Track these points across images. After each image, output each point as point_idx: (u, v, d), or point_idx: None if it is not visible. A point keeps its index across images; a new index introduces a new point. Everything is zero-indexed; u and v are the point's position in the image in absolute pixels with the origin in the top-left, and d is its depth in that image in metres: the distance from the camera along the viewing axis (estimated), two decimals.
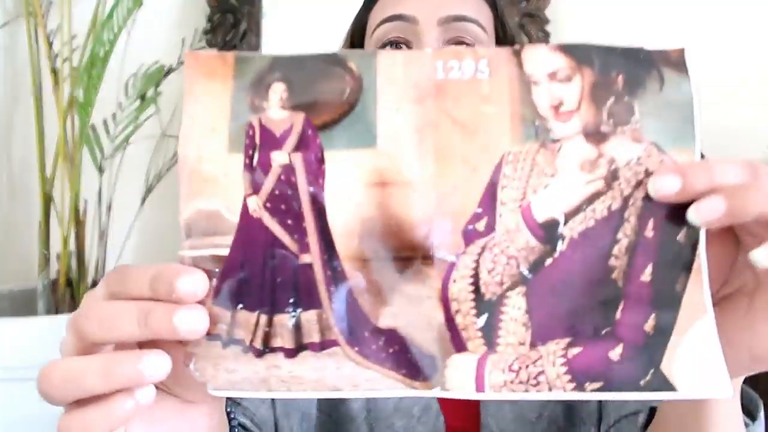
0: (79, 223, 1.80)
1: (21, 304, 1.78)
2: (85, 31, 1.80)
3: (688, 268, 0.63)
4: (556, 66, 0.65)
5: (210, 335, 0.65)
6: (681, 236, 0.63)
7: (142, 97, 1.80)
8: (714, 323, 0.62)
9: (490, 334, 0.64)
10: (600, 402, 1.12)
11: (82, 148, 1.80)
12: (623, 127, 0.65)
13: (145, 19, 1.88)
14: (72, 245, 1.80)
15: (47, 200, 1.79)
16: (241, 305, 0.65)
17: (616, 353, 0.62)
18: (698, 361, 0.62)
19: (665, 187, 0.62)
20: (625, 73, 0.65)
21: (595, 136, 0.65)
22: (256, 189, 0.66)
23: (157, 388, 0.64)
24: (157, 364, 0.61)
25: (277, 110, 0.67)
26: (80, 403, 0.62)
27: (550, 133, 0.65)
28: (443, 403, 1.13)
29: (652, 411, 0.92)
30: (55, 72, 1.78)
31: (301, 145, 0.66)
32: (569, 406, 1.14)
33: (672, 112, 0.65)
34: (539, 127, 0.65)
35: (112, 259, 1.97)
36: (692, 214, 0.62)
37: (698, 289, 0.62)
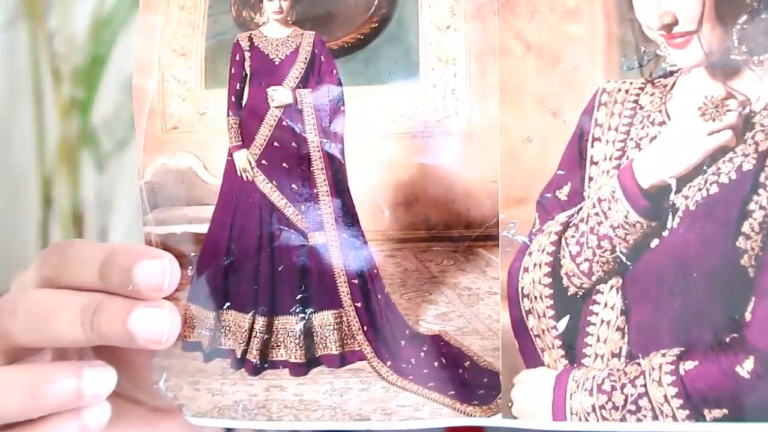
0: (79, 223, 1.73)
1: None
2: (85, 31, 1.71)
3: None
4: None
5: (186, 343, 0.45)
6: None
7: None
8: None
9: (573, 343, 0.45)
10: None
11: (82, 148, 1.73)
12: (761, 55, 0.45)
13: None
14: None
15: (47, 200, 1.70)
16: (228, 303, 0.45)
17: (745, 368, 0.44)
18: None
19: None
20: None
21: (723, 68, 0.45)
22: (246, 139, 0.45)
23: (117, 394, 0.45)
24: (101, 380, 0.44)
25: (275, 26, 0.46)
26: None
27: (661, 64, 0.45)
28: None
29: None
30: (55, 72, 1.68)
31: (311, 77, 0.45)
32: None
33: None
34: (645, 54, 0.45)
35: None
36: None
37: None
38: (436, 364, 0.46)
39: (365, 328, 0.45)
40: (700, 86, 0.45)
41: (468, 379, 0.46)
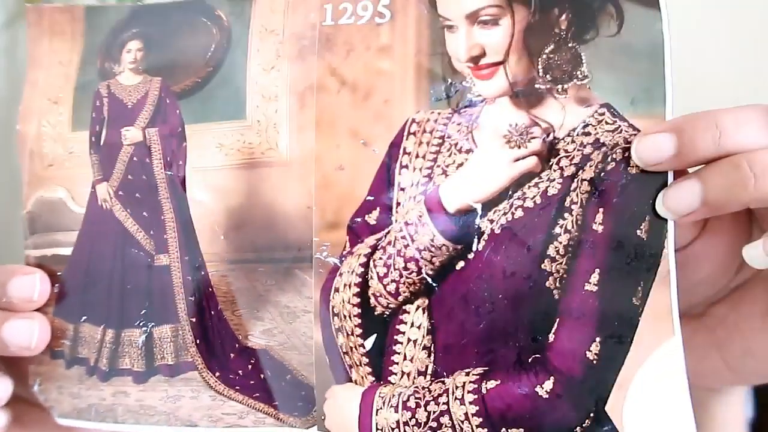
0: None
1: None
2: None
3: (649, 274, 0.36)
4: (478, 4, 0.39)
5: (54, 352, 0.43)
6: (642, 230, 0.36)
7: None
8: (682, 350, 0.36)
9: (379, 361, 0.38)
10: None
11: None
12: (565, 84, 0.38)
13: None
14: None
15: None
16: (85, 317, 0.43)
17: (545, 389, 0.36)
18: (658, 401, 0.35)
19: (654, 151, 0.34)
20: (570, 10, 0.38)
21: (527, 97, 0.38)
22: (106, 174, 0.43)
23: (29, 402, 0.43)
24: None
25: (129, 74, 0.43)
26: None
27: (467, 95, 0.39)
28: None
29: None
30: None
31: (158, 117, 0.42)
32: None
33: (634, 63, 0.37)
34: (452, 85, 0.39)
35: None
36: (665, 205, 0.35)
37: (663, 303, 0.35)
38: (261, 376, 0.40)
39: (198, 341, 0.41)
40: (505, 115, 0.37)
41: (289, 392, 0.40)
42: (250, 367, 0.38)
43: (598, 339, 0.34)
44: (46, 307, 0.40)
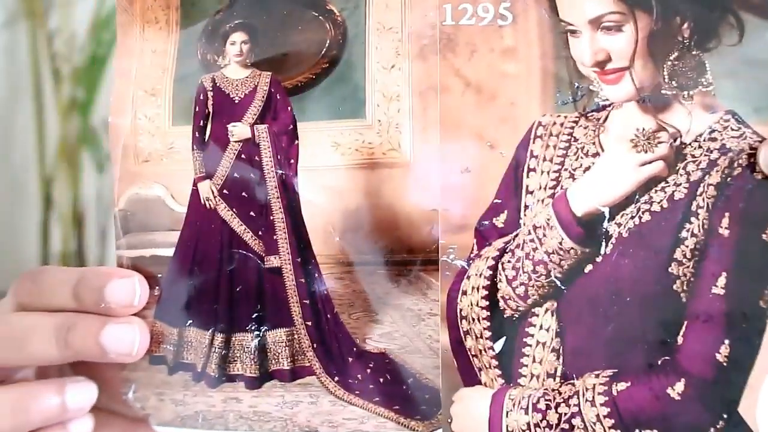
0: (79, 224, 1.43)
1: None
2: (85, 31, 1.41)
3: None
4: (600, 10, 0.37)
5: (153, 357, 0.40)
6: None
7: None
8: None
9: (509, 363, 0.37)
10: None
11: (83, 148, 1.42)
12: (691, 90, 0.37)
13: None
14: (72, 245, 1.42)
15: (47, 200, 1.40)
16: (190, 321, 0.40)
17: (676, 390, 0.36)
18: None
19: None
20: (692, 19, 0.37)
21: (653, 102, 0.37)
22: (209, 171, 0.40)
23: (97, 408, 0.40)
24: (83, 394, 0.36)
25: (236, 68, 0.40)
26: None
27: (593, 99, 0.38)
28: None
29: None
30: (55, 72, 1.38)
31: (268, 114, 0.40)
32: None
33: (756, 72, 0.37)
34: (579, 90, 0.38)
35: (112, 259, 1.66)
36: None
37: None
38: (381, 380, 0.39)
39: (315, 345, 0.39)
40: (632, 119, 0.37)
41: (411, 395, 0.38)
42: (368, 370, 0.36)
43: (727, 341, 0.34)
44: (144, 310, 0.36)
